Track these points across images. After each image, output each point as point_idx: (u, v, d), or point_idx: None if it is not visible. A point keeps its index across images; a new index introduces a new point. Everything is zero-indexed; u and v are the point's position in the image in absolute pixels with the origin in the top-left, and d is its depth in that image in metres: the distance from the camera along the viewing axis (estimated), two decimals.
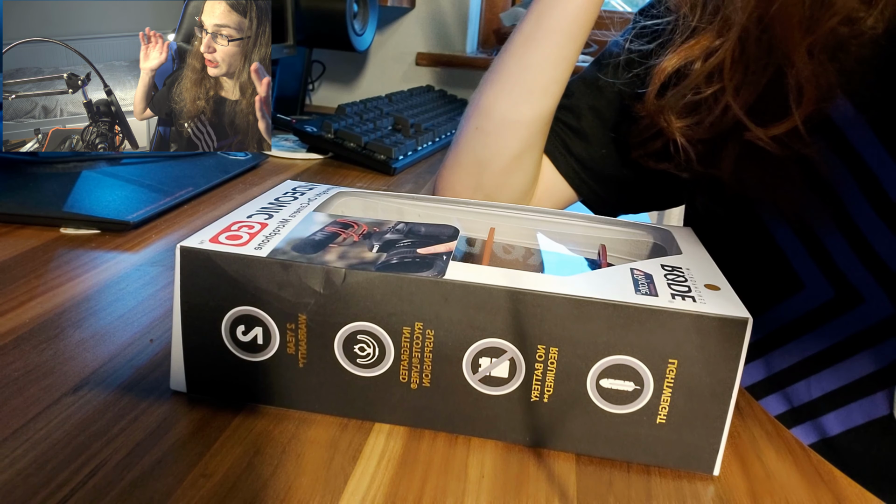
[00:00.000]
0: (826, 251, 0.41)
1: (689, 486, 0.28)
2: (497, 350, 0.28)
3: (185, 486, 0.25)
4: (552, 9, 0.46)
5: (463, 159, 0.51)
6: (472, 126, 0.50)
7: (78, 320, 0.37)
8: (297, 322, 0.29)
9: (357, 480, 0.27)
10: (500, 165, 0.49)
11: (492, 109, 0.48)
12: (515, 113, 0.48)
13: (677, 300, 0.27)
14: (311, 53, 1.14)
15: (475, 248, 0.37)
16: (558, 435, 0.29)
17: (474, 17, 1.33)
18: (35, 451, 0.27)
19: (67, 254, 0.47)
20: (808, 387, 0.43)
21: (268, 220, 0.33)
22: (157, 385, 0.32)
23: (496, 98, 0.48)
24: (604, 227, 0.38)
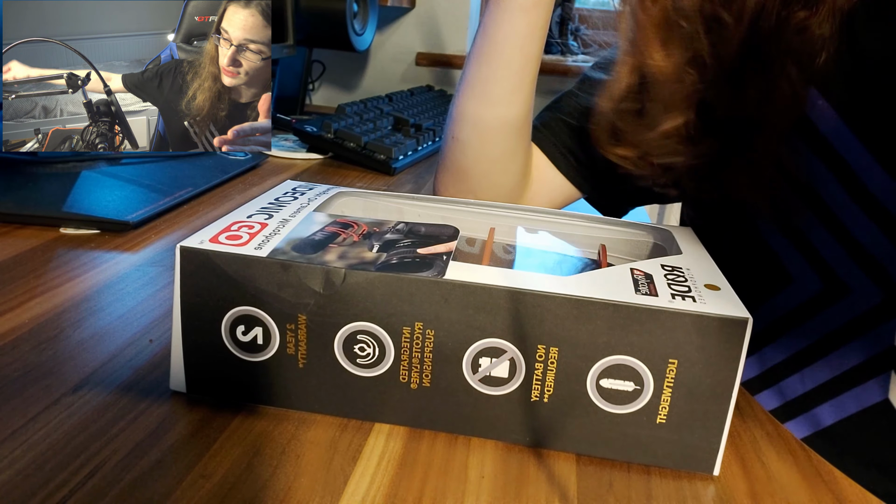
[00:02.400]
0: (811, 245, 0.41)
1: (690, 487, 0.28)
2: (497, 350, 0.28)
3: (184, 487, 0.25)
4: (497, 24, 0.45)
5: (448, 165, 0.52)
6: (450, 135, 0.51)
7: (77, 320, 0.37)
8: (296, 322, 0.29)
9: (357, 481, 0.27)
10: (480, 171, 0.50)
11: (463, 117, 0.49)
12: (484, 120, 0.48)
13: (677, 300, 0.27)
14: (311, 53, 1.14)
15: (475, 248, 0.37)
16: (558, 435, 0.29)
17: (474, 17, 1.33)
18: (34, 451, 0.27)
19: (67, 254, 0.47)
20: (802, 380, 0.44)
21: (268, 220, 0.33)
22: (156, 385, 0.32)
23: (465, 106, 0.49)
24: (604, 227, 0.38)
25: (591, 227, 0.38)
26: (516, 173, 0.51)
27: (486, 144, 0.49)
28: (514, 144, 0.49)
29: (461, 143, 0.50)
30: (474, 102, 0.48)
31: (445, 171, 0.52)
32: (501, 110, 0.47)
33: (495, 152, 0.49)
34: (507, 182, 0.50)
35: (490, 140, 0.48)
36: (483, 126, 0.48)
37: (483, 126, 0.48)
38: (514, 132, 0.49)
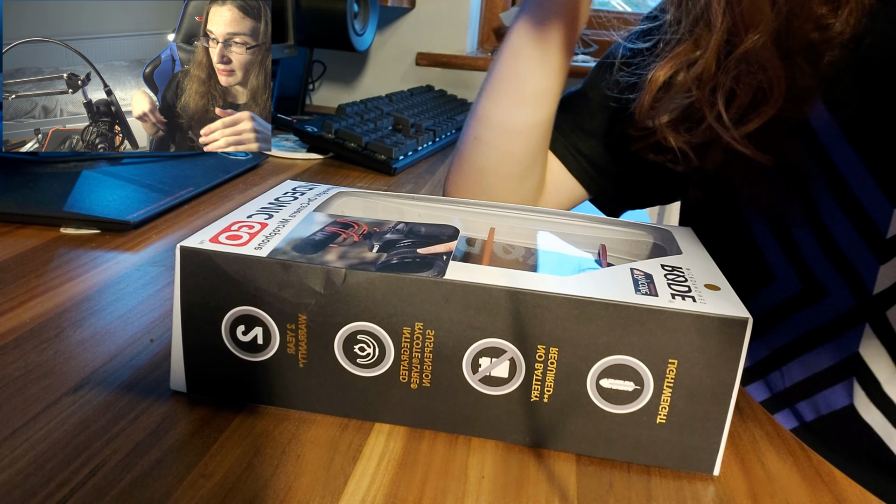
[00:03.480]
0: (795, 244, 0.42)
1: (689, 487, 0.28)
2: (497, 350, 0.28)
3: (184, 487, 0.25)
4: (534, 23, 0.45)
5: (465, 167, 0.51)
6: (472, 136, 0.50)
7: (78, 320, 0.37)
8: (297, 322, 0.29)
9: (357, 481, 0.27)
10: (502, 173, 0.49)
11: (488, 118, 0.48)
12: (510, 122, 0.48)
13: (677, 300, 0.27)
14: (311, 53, 1.14)
15: (475, 248, 0.37)
16: (558, 435, 0.29)
17: (474, 17, 1.33)
18: (35, 450, 0.27)
19: (67, 254, 0.47)
20: (782, 376, 0.45)
21: (268, 220, 0.33)
22: (157, 385, 0.32)
23: (492, 106, 0.48)
24: (604, 227, 0.38)
25: (592, 227, 0.38)
26: (537, 176, 0.50)
27: (511, 146, 0.48)
28: (540, 146, 0.49)
29: (484, 144, 0.49)
30: (502, 102, 0.47)
31: (461, 172, 0.51)
32: (531, 111, 0.47)
33: (520, 154, 0.48)
34: (528, 185, 0.50)
35: (516, 141, 0.48)
36: (510, 127, 0.48)
37: (510, 127, 0.48)
38: (540, 134, 0.48)
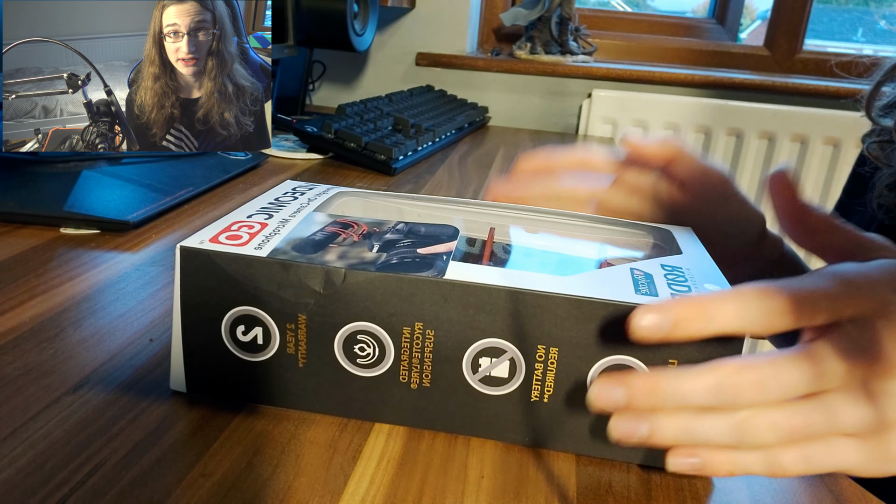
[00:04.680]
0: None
1: (689, 487, 0.28)
2: (497, 350, 0.28)
3: (184, 486, 0.25)
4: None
5: None
6: None
7: (78, 320, 0.37)
8: (297, 322, 0.29)
9: (357, 481, 0.27)
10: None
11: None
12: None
13: None
14: (311, 53, 1.14)
15: (475, 248, 0.37)
16: (558, 435, 0.29)
17: (474, 17, 1.33)
18: (34, 450, 0.27)
19: (67, 253, 0.47)
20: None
21: (268, 220, 0.33)
22: (156, 385, 0.32)
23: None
24: (604, 227, 0.38)
25: (592, 227, 0.38)
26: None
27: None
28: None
29: None
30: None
31: None
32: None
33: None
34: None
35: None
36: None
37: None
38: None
